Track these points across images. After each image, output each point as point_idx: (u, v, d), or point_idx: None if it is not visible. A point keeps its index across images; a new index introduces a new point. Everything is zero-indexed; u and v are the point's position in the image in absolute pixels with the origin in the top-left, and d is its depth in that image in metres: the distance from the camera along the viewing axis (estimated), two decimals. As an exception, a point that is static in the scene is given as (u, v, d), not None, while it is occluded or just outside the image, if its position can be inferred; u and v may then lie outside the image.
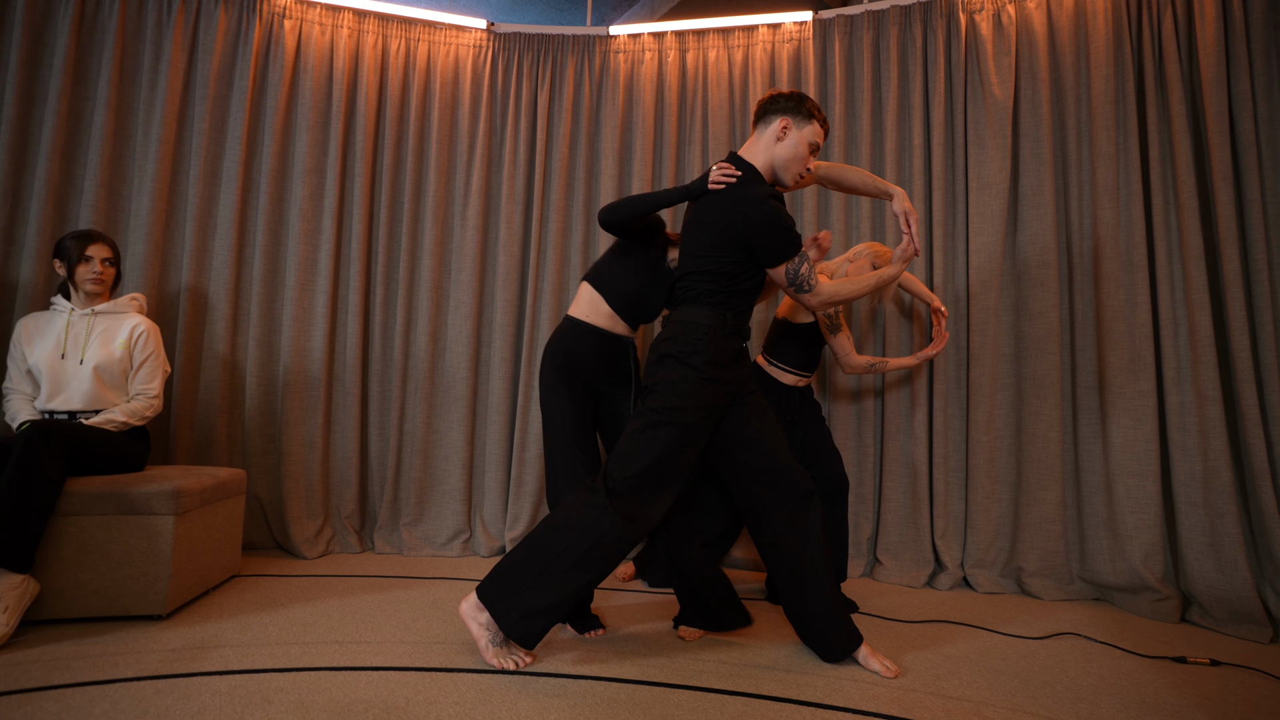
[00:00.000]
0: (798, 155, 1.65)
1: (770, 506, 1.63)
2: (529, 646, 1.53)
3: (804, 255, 1.63)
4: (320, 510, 2.52)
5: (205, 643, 1.59)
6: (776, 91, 1.68)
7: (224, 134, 2.54)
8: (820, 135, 1.67)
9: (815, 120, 1.65)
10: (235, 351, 2.52)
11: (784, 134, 1.64)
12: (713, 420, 1.61)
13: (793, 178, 1.68)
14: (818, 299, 1.64)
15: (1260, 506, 1.94)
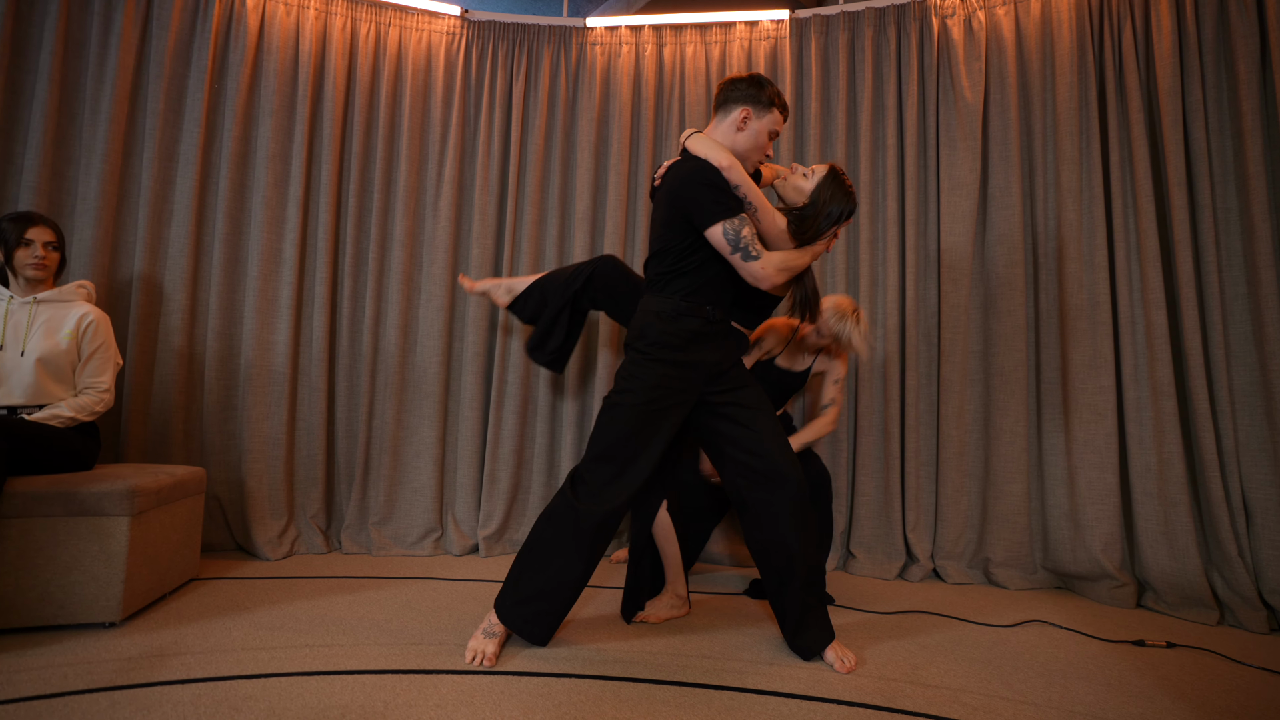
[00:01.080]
0: (757, 145, 1.64)
1: (756, 505, 1.62)
2: (524, 636, 1.58)
3: (744, 219, 1.54)
4: (284, 509, 2.42)
5: (164, 650, 1.51)
6: (736, 76, 1.65)
7: (181, 115, 2.41)
8: (780, 122, 1.65)
9: (775, 108, 1.63)
10: (193, 344, 2.40)
11: (744, 124, 1.62)
12: (670, 401, 1.59)
13: (751, 166, 1.69)
14: (772, 267, 1.56)
15: (1209, 496, 2.05)
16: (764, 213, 1.61)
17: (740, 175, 1.58)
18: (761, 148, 1.65)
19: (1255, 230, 2.05)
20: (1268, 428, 2.01)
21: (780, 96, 1.64)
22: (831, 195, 1.66)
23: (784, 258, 1.60)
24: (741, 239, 1.53)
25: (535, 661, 1.54)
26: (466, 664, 1.50)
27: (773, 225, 1.63)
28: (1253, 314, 2.06)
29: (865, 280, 2.54)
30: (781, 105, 1.65)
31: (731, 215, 1.53)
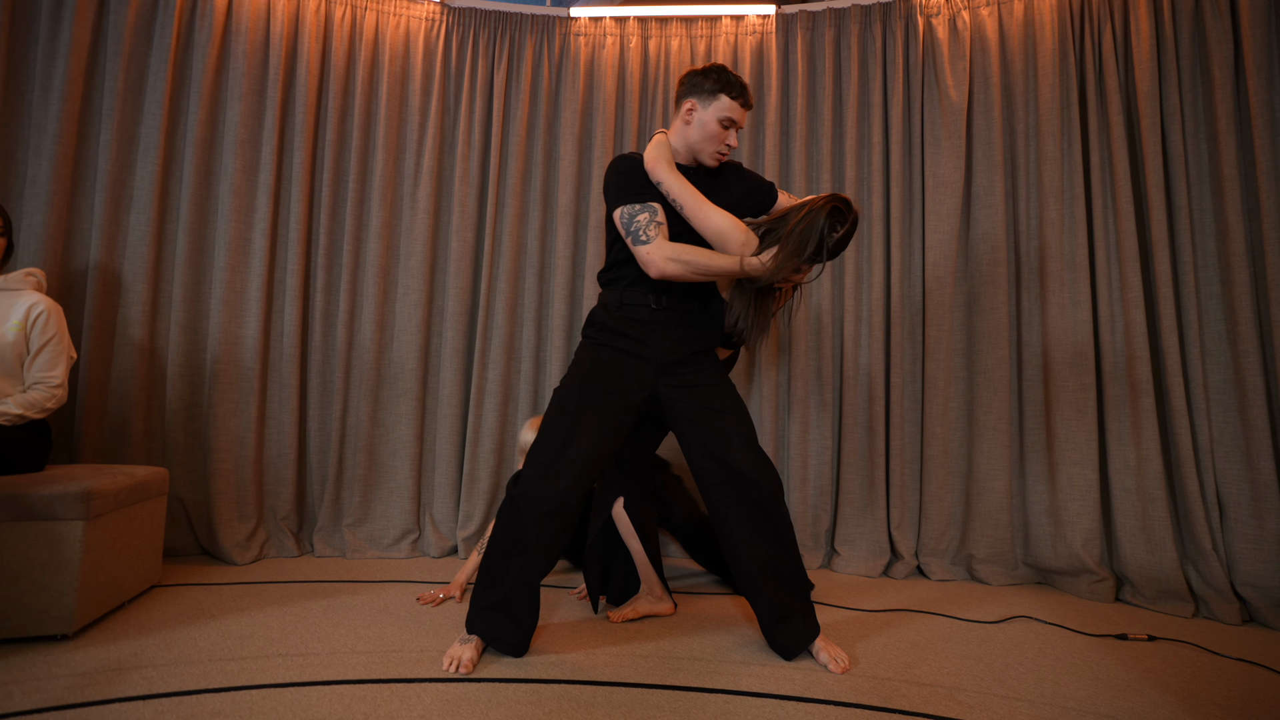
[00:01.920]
0: (709, 134, 1.58)
1: (717, 507, 1.59)
2: (496, 647, 1.52)
3: (650, 208, 1.53)
4: (253, 512, 2.31)
5: (122, 664, 1.41)
6: (689, 70, 1.63)
7: (142, 96, 2.28)
8: (732, 108, 1.57)
9: (724, 94, 1.56)
10: (154, 338, 2.28)
11: (690, 116, 1.60)
12: (609, 386, 1.56)
13: (710, 158, 1.63)
14: (659, 254, 1.48)
15: (1185, 491, 2.09)
16: (691, 210, 1.54)
17: (662, 171, 1.56)
18: (714, 137, 1.59)
19: (1229, 231, 2.10)
20: (1241, 424, 2.06)
21: (730, 81, 1.56)
22: (805, 227, 1.46)
23: (684, 251, 1.49)
24: (635, 223, 1.52)
25: (521, 668, 1.48)
26: (444, 671, 1.44)
27: (706, 224, 1.54)
28: (1227, 313, 2.11)
29: (850, 277, 2.54)
30: (733, 89, 1.56)
31: (632, 201, 1.54)
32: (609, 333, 1.61)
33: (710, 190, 1.66)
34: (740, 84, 1.59)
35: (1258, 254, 2.08)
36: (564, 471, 1.49)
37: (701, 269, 1.50)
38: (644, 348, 1.60)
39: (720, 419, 1.58)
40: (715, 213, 1.54)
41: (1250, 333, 2.05)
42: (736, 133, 1.62)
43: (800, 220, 1.47)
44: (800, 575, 1.60)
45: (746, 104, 1.60)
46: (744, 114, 1.60)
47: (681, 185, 1.56)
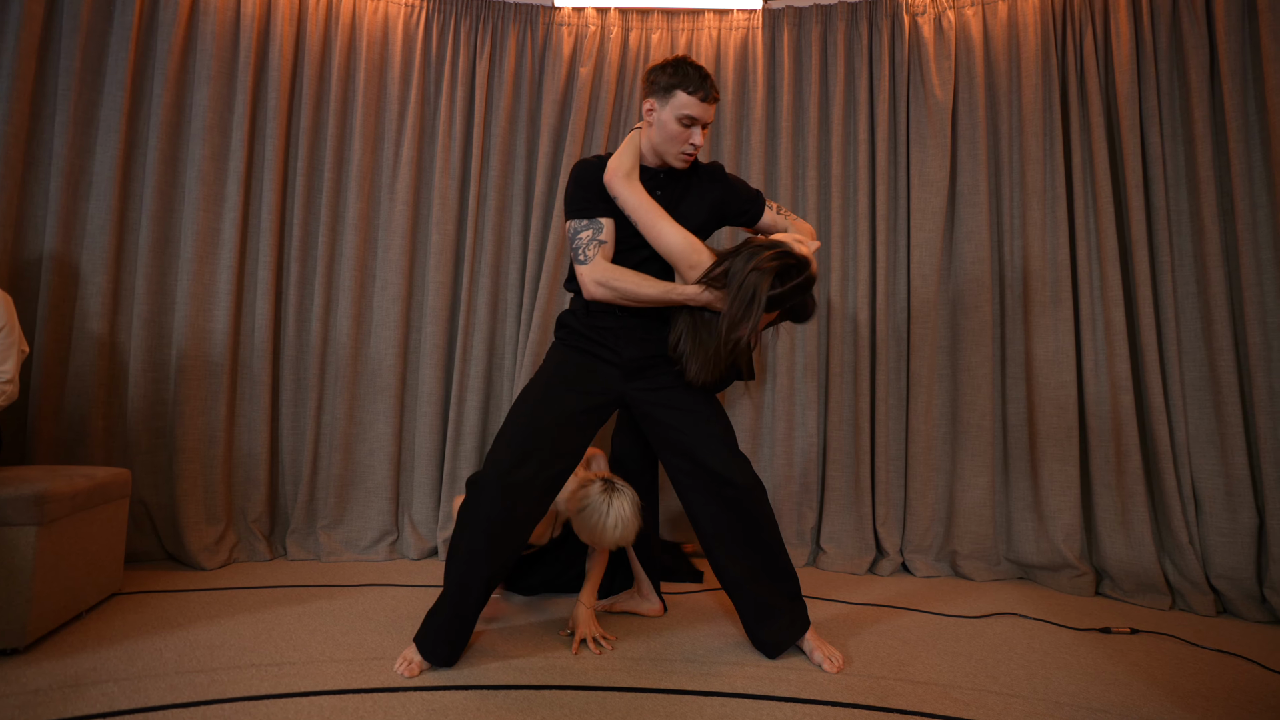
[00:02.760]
0: (669, 134, 1.50)
1: (694, 506, 1.57)
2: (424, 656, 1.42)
3: (596, 224, 1.50)
4: (222, 514, 2.21)
5: (80, 678, 1.32)
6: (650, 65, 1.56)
7: (101, 77, 2.16)
8: (691, 105, 1.46)
9: (679, 90, 1.46)
10: (115, 332, 2.16)
11: (649, 115, 1.53)
12: (573, 387, 1.54)
13: (676, 159, 1.54)
14: (589, 276, 1.48)
15: (1163, 486, 2.13)
16: (645, 227, 1.50)
17: (618, 184, 1.50)
18: (676, 137, 1.50)
19: (1205, 232, 2.14)
20: (1216, 420, 2.11)
21: (687, 74, 1.46)
22: (750, 283, 1.37)
23: (613, 277, 1.47)
24: (578, 240, 1.52)
25: (511, 673, 1.43)
26: (395, 671, 1.39)
27: (659, 241, 1.49)
28: (1202, 312, 2.16)
29: (836, 275, 2.53)
30: (689, 83, 1.45)
31: (579, 216, 1.52)
32: (577, 335, 1.61)
33: (681, 194, 1.59)
34: (699, 76, 1.47)
35: (1232, 254, 2.13)
36: (517, 458, 1.44)
37: (628, 296, 1.48)
38: (611, 353, 1.58)
39: (689, 417, 1.55)
40: (670, 231, 1.48)
41: (1225, 331, 2.10)
42: (702, 130, 1.51)
43: (746, 275, 1.38)
44: (784, 572, 1.58)
45: (708, 98, 1.48)
46: (706, 109, 1.49)
47: (638, 200, 1.50)
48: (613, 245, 1.54)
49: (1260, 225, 2.07)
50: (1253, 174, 2.09)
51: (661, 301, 1.50)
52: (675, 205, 1.57)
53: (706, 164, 1.68)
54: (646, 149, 1.58)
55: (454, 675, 1.41)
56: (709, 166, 1.67)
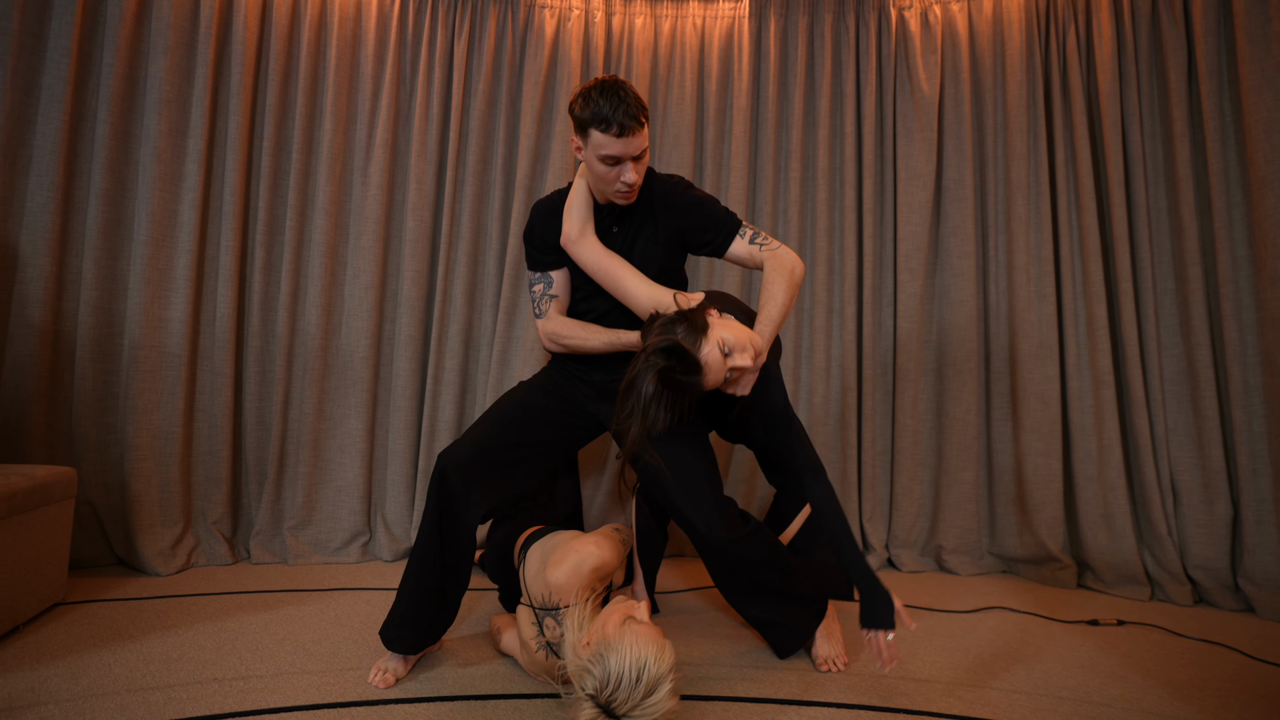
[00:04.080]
0: (598, 175, 1.34)
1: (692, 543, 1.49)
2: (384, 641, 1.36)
3: (546, 279, 1.49)
4: (179, 515, 2.06)
5: (14, 701, 1.19)
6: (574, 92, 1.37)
7: (43, 41, 1.99)
8: (611, 144, 1.26)
9: (594, 129, 1.26)
10: (59, 319, 1.99)
11: (579, 153, 1.37)
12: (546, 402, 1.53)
13: (615, 198, 1.39)
14: (541, 331, 1.51)
15: (1143, 479, 2.16)
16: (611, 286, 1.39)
17: (575, 249, 1.40)
18: (606, 178, 1.33)
19: (1184, 229, 2.18)
20: (1193, 414, 2.15)
21: (599, 112, 1.25)
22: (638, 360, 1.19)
23: (564, 330, 1.47)
24: (533, 293, 1.53)
25: (500, 682, 1.35)
26: (370, 682, 1.31)
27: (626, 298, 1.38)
28: (1180, 308, 2.20)
29: (822, 269, 2.51)
30: (601, 121, 1.25)
31: (533, 269, 1.53)
32: (560, 360, 1.61)
33: (637, 231, 1.47)
34: (611, 107, 1.24)
35: (1209, 251, 2.17)
36: (474, 443, 1.43)
37: (576, 349, 1.48)
38: (586, 376, 1.56)
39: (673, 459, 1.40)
40: (633, 285, 1.37)
41: (1202, 327, 2.14)
42: (635, 166, 1.31)
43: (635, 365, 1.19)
44: (802, 599, 1.49)
45: (625, 130, 1.25)
46: (629, 143, 1.27)
47: (595, 260, 1.40)
48: (566, 296, 1.53)
49: (1236, 224, 2.11)
50: (1229, 173, 2.14)
51: (609, 349, 1.44)
52: (631, 245, 1.47)
53: (667, 186, 1.47)
54: (593, 186, 1.43)
55: (440, 685, 1.32)
56: (668, 191, 1.47)
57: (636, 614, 1.15)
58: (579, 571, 1.26)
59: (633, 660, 1.02)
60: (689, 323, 1.20)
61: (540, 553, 1.37)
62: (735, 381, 1.23)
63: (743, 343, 1.19)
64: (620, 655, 1.02)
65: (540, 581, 1.29)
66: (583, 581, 1.25)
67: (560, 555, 1.29)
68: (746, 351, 1.19)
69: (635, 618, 1.14)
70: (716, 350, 1.17)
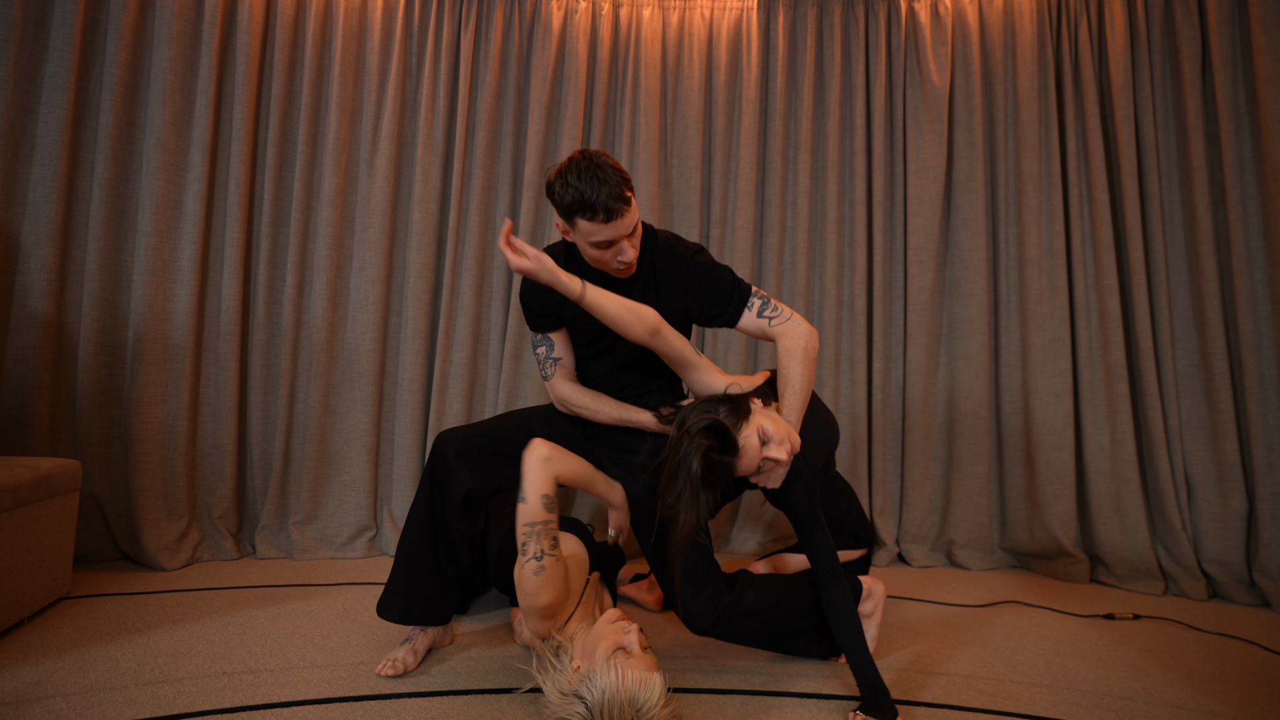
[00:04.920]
0: (593, 258, 1.30)
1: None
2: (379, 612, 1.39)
3: (547, 341, 1.47)
4: (184, 510, 2.04)
5: (22, 694, 1.17)
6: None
7: (46, 30, 1.96)
8: (600, 230, 1.22)
9: (579, 218, 1.22)
10: (63, 311, 1.97)
11: (567, 236, 1.32)
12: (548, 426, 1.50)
13: (613, 274, 1.35)
14: (552, 395, 1.49)
15: (1157, 473, 2.14)
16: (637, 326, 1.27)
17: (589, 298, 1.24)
18: (599, 261, 1.29)
19: (1197, 221, 2.16)
20: (1207, 407, 2.13)
21: (584, 199, 1.18)
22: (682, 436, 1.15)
23: (576, 399, 1.43)
24: (537, 355, 1.51)
25: (514, 676, 1.33)
26: (377, 673, 1.29)
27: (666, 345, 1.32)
28: (1194, 301, 2.18)
29: (832, 262, 2.48)
30: (587, 209, 1.19)
31: (534, 330, 1.49)
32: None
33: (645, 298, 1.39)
34: (594, 194, 1.17)
35: (1223, 243, 2.15)
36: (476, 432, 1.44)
37: (587, 418, 1.46)
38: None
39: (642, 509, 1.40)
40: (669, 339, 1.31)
41: (1216, 319, 2.12)
42: (629, 241, 1.26)
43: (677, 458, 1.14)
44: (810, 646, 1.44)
45: (613, 215, 1.20)
46: (619, 225, 1.21)
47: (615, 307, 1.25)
48: (570, 356, 1.49)
49: (1251, 215, 2.10)
50: (1243, 165, 2.12)
51: (619, 424, 1.43)
52: None
53: (671, 256, 1.38)
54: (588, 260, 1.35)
55: (452, 680, 1.30)
56: (671, 262, 1.37)
57: (627, 642, 1.11)
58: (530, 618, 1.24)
59: (621, 701, 1.01)
60: (731, 405, 1.20)
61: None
62: (767, 473, 1.22)
63: (781, 435, 1.19)
64: (606, 691, 1.01)
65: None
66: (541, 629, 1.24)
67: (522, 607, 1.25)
68: (784, 445, 1.18)
69: (626, 648, 1.10)
70: (755, 437, 1.17)
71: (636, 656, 1.08)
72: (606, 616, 1.20)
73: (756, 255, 2.52)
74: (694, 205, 2.49)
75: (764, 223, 2.54)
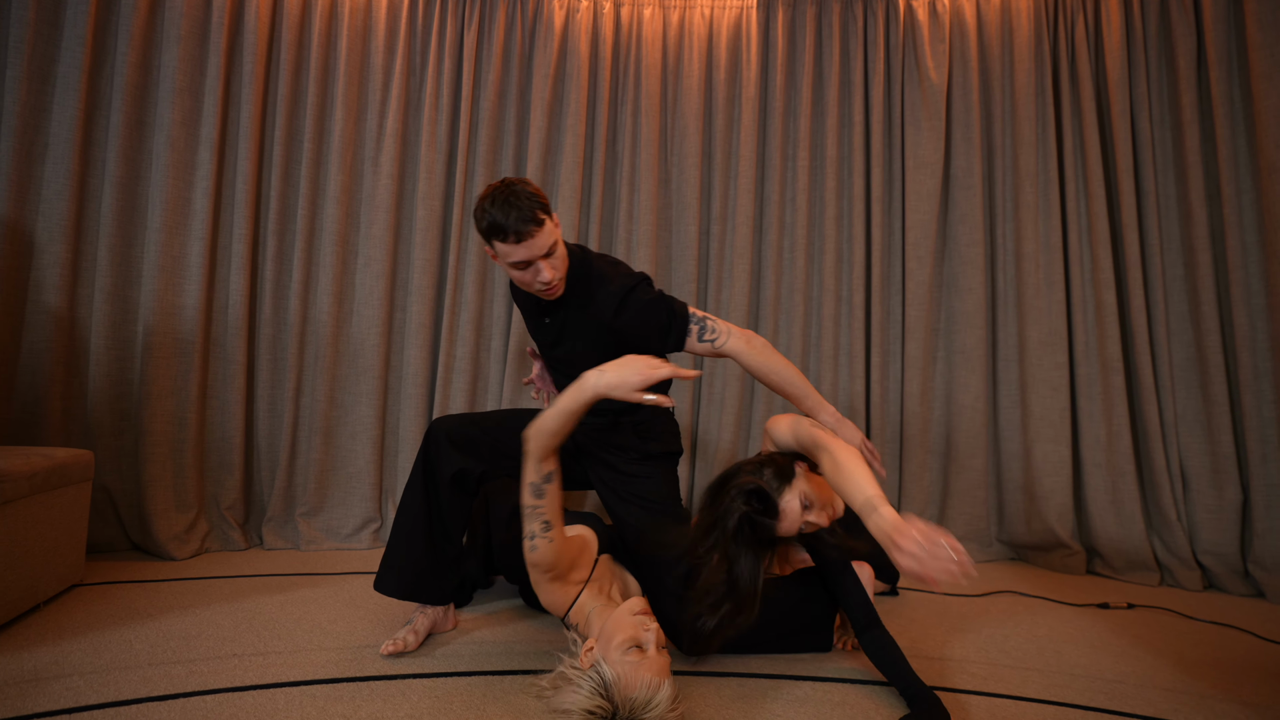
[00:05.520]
0: (516, 279, 1.33)
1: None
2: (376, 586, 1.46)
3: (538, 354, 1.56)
4: (193, 501, 2.08)
5: (40, 672, 1.21)
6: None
7: (59, 30, 2.00)
8: (515, 251, 1.24)
9: (496, 241, 1.25)
10: (75, 306, 2.01)
11: (496, 261, 1.36)
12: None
13: (538, 292, 1.35)
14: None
15: (1152, 465, 2.16)
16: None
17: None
18: (522, 282, 1.32)
19: (1192, 216, 2.18)
20: (1202, 400, 2.15)
21: (495, 222, 1.23)
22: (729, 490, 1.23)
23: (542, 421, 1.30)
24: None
25: (515, 658, 1.36)
26: (381, 652, 1.33)
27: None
28: (1189, 295, 2.20)
29: (830, 257, 2.51)
30: (499, 231, 1.23)
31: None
32: None
33: (564, 324, 1.44)
34: (505, 217, 1.22)
35: (1218, 238, 2.17)
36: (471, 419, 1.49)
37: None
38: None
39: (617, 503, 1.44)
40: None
41: (1211, 313, 2.14)
42: (547, 263, 1.28)
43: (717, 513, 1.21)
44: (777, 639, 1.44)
45: (523, 237, 1.23)
46: (534, 245, 1.24)
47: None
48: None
49: (1245, 209, 2.11)
50: (1238, 159, 2.14)
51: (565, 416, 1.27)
52: (558, 338, 1.47)
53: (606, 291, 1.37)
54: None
55: (455, 662, 1.33)
56: (606, 298, 1.37)
57: (644, 640, 1.10)
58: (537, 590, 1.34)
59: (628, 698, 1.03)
60: (777, 468, 1.23)
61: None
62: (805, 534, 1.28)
63: (824, 501, 1.23)
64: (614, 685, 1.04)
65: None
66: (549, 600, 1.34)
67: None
68: (825, 510, 1.23)
69: (641, 646, 1.10)
70: (797, 502, 1.21)
71: (650, 657, 1.08)
72: (630, 605, 1.18)
73: (756, 251, 2.55)
74: (694, 203, 2.51)
75: (763, 219, 2.57)
